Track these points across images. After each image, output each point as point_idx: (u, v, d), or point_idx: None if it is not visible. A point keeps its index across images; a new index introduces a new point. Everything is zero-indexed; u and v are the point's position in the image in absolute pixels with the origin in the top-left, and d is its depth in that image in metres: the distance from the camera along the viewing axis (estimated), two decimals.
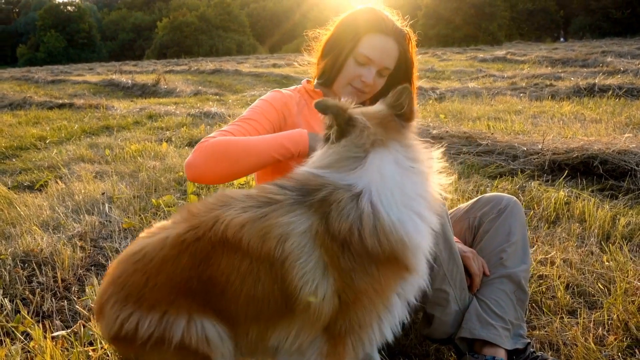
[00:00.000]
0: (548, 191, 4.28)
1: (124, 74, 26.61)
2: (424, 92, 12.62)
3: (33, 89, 20.55)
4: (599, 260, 3.11)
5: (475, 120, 7.96)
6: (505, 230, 2.29)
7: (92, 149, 7.28)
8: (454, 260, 2.13)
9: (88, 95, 16.71)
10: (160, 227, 1.88)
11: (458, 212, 2.51)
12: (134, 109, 11.77)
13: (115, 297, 1.78)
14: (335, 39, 2.48)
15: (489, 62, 23.76)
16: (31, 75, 28.59)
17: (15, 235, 3.84)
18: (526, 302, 2.24)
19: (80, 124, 9.76)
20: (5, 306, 2.92)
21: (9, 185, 5.49)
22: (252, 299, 1.73)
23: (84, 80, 23.12)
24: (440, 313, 2.14)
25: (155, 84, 18.58)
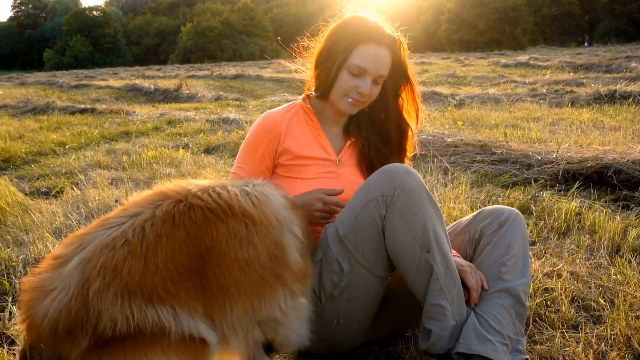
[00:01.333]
0: (560, 201, 4.25)
1: (147, 79, 26.84)
2: (443, 98, 12.59)
3: (57, 94, 20.82)
4: (606, 273, 3.08)
5: (492, 128, 7.93)
6: (505, 244, 2.28)
7: (109, 155, 7.35)
8: (450, 275, 2.12)
9: (110, 100, 16.87)
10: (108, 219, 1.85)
11: (459, 225, 2.50)
12: (154, 115, 11.86)
13: (113, 288, 1.64)
14: (327, 52, 2.48)
15: (511, 68, 23.64)
16: (56, 79, 28.97)
17: (27, 242, 3.89)
18: (525, 316, 2.22)
19: (100, 130, 9.87)
20: (14, 313, 2.96)
21: (26, 191, 5.57)
22: (246, 264, 1.83)
23: (107, 85, 23.35)
24: (438, 328, 2.13)
25: (177, 89, 18.73)
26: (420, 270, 2.12)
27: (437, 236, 2.10)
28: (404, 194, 2.11)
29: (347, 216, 2.24)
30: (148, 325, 1.61)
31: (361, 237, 2.18)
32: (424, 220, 2.09)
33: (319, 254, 2.28)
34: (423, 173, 5.32)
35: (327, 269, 2.25)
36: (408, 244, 2.11)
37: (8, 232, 4.18)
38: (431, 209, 2.13)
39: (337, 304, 2.26)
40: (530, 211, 4.19)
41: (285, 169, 2.53)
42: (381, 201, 2.13)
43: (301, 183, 2.49)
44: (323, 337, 2.32)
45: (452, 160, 5.75)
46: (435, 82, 18.71)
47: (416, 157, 5.86)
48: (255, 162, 2.53)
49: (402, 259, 2.14)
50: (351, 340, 2.39)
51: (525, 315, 2.23)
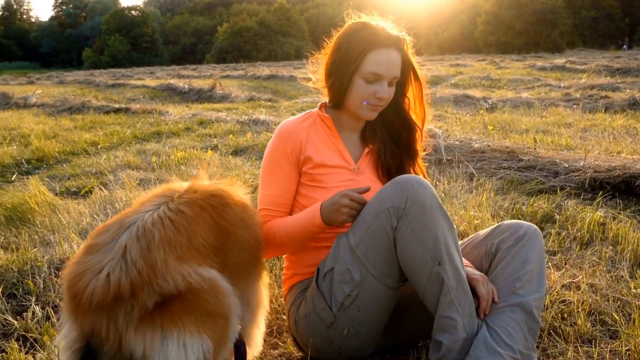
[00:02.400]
0: (584, 211, 4.20)
1: (182, 78, 27.14)
2: (475, 101, 12.51)
3: (93, 93, 21.17)
4: (626, 286, 3.04)
5: (522, 133, 7.85)
6: (521, 259, 2.26)
7: (139, 155, 7.45)
8: (462, 288, 2.11)
9: (144, 100, 17.06)
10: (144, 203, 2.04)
11: (477, 238, 2.49)
12: (187, 115, 11.98)
13: (172, 256, 1.85)
14: (338, 62, 2.48)
15: (547, 71, 23.34)
16: (93, 78, 29.46)
17: (53, 243, 3.97)
18: (537, 331, 2.20)
19: (133, 130, 10.00)
20: (37, 313, 3.02)
21: (57, 191, 5.68)
22: (246, 243, 2.15)
23: (143, 85, 23.62)
24: (448, 340, 2.13)
25: (211, 89, 18.88)
26: (431, 282, 2.12)
27: (448, 248, 2.10)
28: (415, 206, 2.11)
29: (359, 226, 2.24)
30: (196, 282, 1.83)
31: (372, 247, 2.19)
32: (435, 232, 2.10)
33: (330, 263, 2.29)
34: (448, 179, 5.30)
35: (338, 279, 2.25)
36: (419, 256, 2.11)
37: (36, 231, 4.27)
38: (443, 221, 2.13)
39: (348, 313, 2.26)
40: (554, 220, 4.15)
41: (308, 177, 2.53)
42: (393, 213, 2.14)
43: (323, 192, 2.49)
44: (334, 346, 2.34)
45: (479, 166, 5.71)
46: (469, 85, 18.58)
47: (442, 163, 5.85)
48: (283, 179, 2.52)
49: (413, 270, 2.15)
50: (362, 349, 2.39)
51: (538, 331, 2.21)
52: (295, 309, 2.46)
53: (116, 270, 1.76)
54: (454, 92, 14.07)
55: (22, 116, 13.45)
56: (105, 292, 1.72)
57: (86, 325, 1.75)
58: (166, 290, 1.77)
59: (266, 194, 2.54)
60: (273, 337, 2.80)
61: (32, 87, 24.39)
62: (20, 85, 29.64)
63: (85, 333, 1.75)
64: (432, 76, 23.49)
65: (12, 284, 3.39)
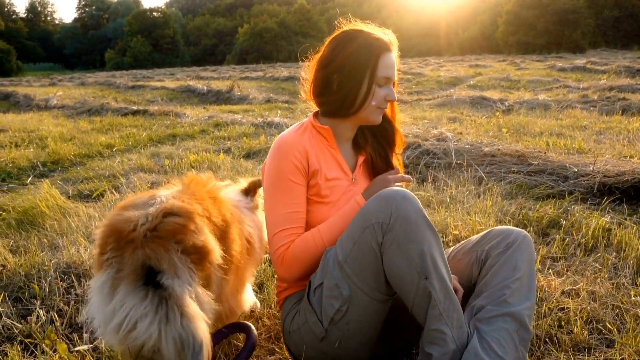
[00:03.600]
0: (590, 216, 4.18)
1: (202, 79, 27.29)
2: (492, 103, 12.46)
3: (113, 94, 21.35)
4: (627, 294, 3.02)
5: (536, 136, 7.81)
6: (511, 266, 2.26)
7: (153, 158, 7.51)
8: (450, 300, 2.12)
9: (162, 102, 17.20)
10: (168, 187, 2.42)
11: (468, 244, 2.49)
12: (203, 117, 12.06)
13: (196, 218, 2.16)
14: (348, 75, 2.43)
15: (567, 72, 23.15)
16: (114, 80, 29.72)
17: (61, 246, 4.02)
18: (529, 341, 2.20)
19: (149, 132, 10.08)
20: (41, 317, 3.07)
21: (70, 194, 5.75)
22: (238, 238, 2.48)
23: (163, 86, 23.80)
24: (438, 352, 2.12)
25: (229, 91, 18.98)
26: (418, 296, 2.12)
27: (434, 262, 2.10)
28: (400, 221, 2.11)
29: (345, 242, 2.24)
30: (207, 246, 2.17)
31: (360, 262, 2.19)
32: (421, 246, 2.10)
33: (320, 278, 2.30)
34: (456, 183, 5.29)
35: (327, 294, 2.26)
36: (406, 271, 2.11)
37: (45, 235, 4.33)
38: (429, 235, 2.13)
39: (339, 327, 2.27)
40: (560, 225, 4.13)
41: (313, 191, 2.48)
42: (377, 228, 2.14)
43: (326, 207, 2.48)
44: (327, 358, 2.36)
45: (488, 170, 5.69)
46: (487, 86, 18.49)
47: (452, 166, 5.84)
48: (296, 193, 2.44)
49: (401, 285, 2.15)
50: (356, 358, 2.41)
51: (529, 340, 2.20)
52: (290, 320, 2.47)
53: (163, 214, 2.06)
54: (470, 94, 14.02)
55: (42, 118, 13.62)
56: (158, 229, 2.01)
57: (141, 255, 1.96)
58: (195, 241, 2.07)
59: (280, 213, 2.42)
60: (270, 342, 2.82)
61: (53, 89, 24.71)
62: (42, 87, 30.00)
63: (145, 257, 1.96)
64: (450, 77, 23.44)
65: (19, 288, 3.45)
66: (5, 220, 4.69)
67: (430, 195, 4.96)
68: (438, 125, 9.00)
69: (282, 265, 2.41)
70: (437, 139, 6.64)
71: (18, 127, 11.51)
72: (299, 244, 2.39)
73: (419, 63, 39.84)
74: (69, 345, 2.80)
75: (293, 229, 2.41)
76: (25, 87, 28.66)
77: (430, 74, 26.47)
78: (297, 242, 2.41)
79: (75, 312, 3.18)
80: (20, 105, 19.29)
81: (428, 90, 18.97)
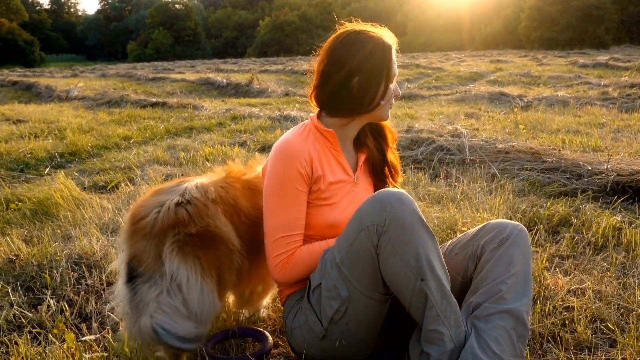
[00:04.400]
0: (601, 215, 4.15)
1: (222, 72, 27.38)
2: (511, 99, 12.38)
3: (134, 86, 21.51)
4: (633, 294, 3.01)
5: (553, 133, 7.76)
6: (506, 261, 2.26)
7: (169, 150, 7.57)
8: (447, 300, 2.12)
9: (181, 94, 17.30)
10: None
11: (464, 238, 2.48)
12: (221, 110, 12.11)
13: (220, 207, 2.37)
14: (369, 76, 2.42)
15: (589, 68, 22.95)
16: (135, 72, 29.94)
17: (74, 237, 4.08)
18: (527, 337, 2.20)
19: (166, 124, 10.16)
20: (51, 307, 3.12)
21: (85, 186, 5.81)
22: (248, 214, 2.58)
23: (182, 79, 23.93)
24: (436, 352, 2.13)
25: (248, 84, 19.05)
26: (415, 297, 2.13)
27: (430, 263, 2.10)
28: (394, 223, 2.11)
29: (342, 243, 2.26)
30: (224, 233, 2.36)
31: (357, 264, 2.20)
32: (416, 248, 2.10)
33: (318, 279, 2.32)
34: (469, 180, 5.28)
35: (326, 295, 2.28)
36: (402, 273, 2.12)
37: (59, 226, 4.39)
38: (424, 236, 2.13)
39: (339, 327, 2.28)
40: (570, 224, 4.11)
41: (316, 195, 2.47)
42: (372, 231, 2.15)
43: (329, 209, 2.48)
44: (328, 356, 2.38)
45: (502, 167, 5.67)
46: (507, 82, 18.38)
47: (465, 162, 5.83)
48: (300, 200, 2.43)
49: (397, 286, 2.16)
50: (357, 356, 2.42)
51: (527, 336, 2.21)
52: (292, 318, 2.49)
53: (175, 203, 2.27)
54: (489, 90, 13.95)
55: (62, 109, 13.77)
56: (165, 219, 2.23)
57: (132, 251, 2.24)
58: (208, 227, 2.26)
59: (282, 219, 2.41)
60: (275, 335, 2.84)
61: (75, 80, 24.95)
62: (64, 78, 30.30)
63: (131, 255, 2.24)
64: (471, 72, 23.32)
65: (31, 277, 3.50)
66: (20, 211, 4.76)
67: (442, 192, 4.95)
68: (455, 121, 8.98)
69: (282, 272, 2.41)
70: (452, 135, 6.63)
71: (38, 118, 11.65)
72: (304, 256, 2.41)
73: (439, 58, 39.69)
74: (77, 335, 2.85)
75: (294, 236, 2.42)
76: (47, 78, 28.95)
77: (451, 68, 26.36)
78: (302, 252, 2.42)
79: (85, 302, 3.23)
80: (42, 96, 19.50)
81: (447, 85, 18.91)
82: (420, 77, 23.03)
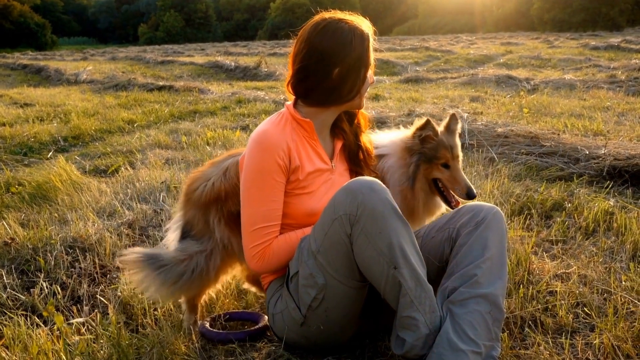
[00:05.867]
0: (594, 200, 4.15)
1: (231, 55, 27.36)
2: (518, 82, 12.32)
3: (142, 70, 21.56)
4: (618, 279, 3.02)
5: (556, 117, 7.73)
6: (481, 245, 2.26)
7: (171, 134, 7.61)
8: (421, 287, 2.14)
9: (188, 78, 17.31)
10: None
11: (441, 221, 2.49)
12: (227, 94, 12.12)
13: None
14: (351, 63, 2.41)
15: (600, 50, 22.76)
16: (144, 55, 30.00)
17: (70, 221, 4.12)
18: (502, 320, 2.22)
19: (171, 108, 10.19)
20: (44, 290, 3.18)
21: (86, 169, 5.86)
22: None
23: (191, 62, 23.94)
24: (411, 338, 2.16)
25: (257, 67, 19.02)
26: (389, 285, 2.15)
27: (403, 252, 2.13)
28: (366, 213, 2.14)
29: (318, 232, 2.28)
30: None
31: (332, 253, 2.23)
32: (389, 237, 2.12)
33: (295, 267, 2.36)
34: (466, 164, 5.28)
35: (303, 282, 2.31)
36: (375, 261, 2.15)
37: (57, 210, 4.44)
38: (397, 224, 2.15)
39: (317, 313, 2.32)
40: (563, 208, 4.12)
41: (294, 185, 2.48)
42: (345, 220, 2.17)
43: (307, 197, 2.50)
44: (309, 341, 2.43)
45: (500, 151, 5.66)
46: (517, 65, 18.29)
47: (464, 147, 5.83)
48: (277, 190, 2.43)
49: (371, 274, 2.19)
50: (337, 341, 2.46)
51: (503, 320, 2.22)
52: (274, 304, 2.52)
53: (218, 181, 2.62)
54: (497, 73, 13.88)
55: (70, 93, 13.84)
56: (208, 194, 2.62)
57: (187, 215, 2.72)
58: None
59: (260, 210, 2.42)
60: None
61: (84, 64, 25.01)
62: (75, 61, 30.39)
63: (185, 220, 2.73)
64: (480, 55, 23.18)
65: (26, 261, 3.56)
66: (20, 195, 4.81)
67: None
68: (458, 105, 8.96)
69: (259, 262, 2.43)
70: None
71: (46, 101, 11.72)
72: (282, 245, 2.44)
73: (450, 40, 39.47)
74: (69, 317, 2.90)
75: (272, 227, 2.44)
76: (57, 62, 29.05)
77: (460, 51, 26.21)
78: (280, 242, 2.44)
79: (78, 285, 3.28)
80: (51, 80, 19.59)
81: (456, 68, 18.82)
82: (429, 60, 22.92)
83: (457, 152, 2.79)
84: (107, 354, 2.47)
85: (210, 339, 2.64)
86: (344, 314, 2.34)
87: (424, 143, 2.76)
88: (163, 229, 4.01)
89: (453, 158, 2.76)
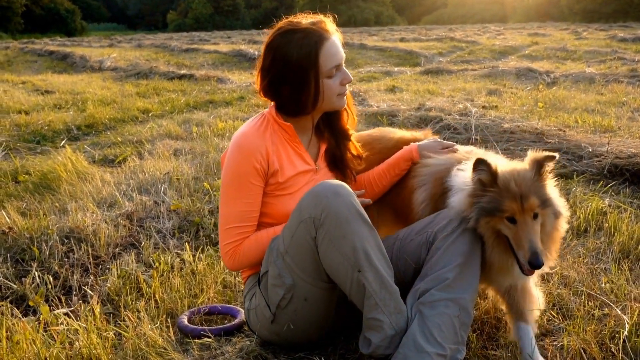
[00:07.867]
0: (590, 199, 4.13)
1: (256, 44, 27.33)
2: (537, 75, 12.16)
3: (167, 57, 21.67)
4: (598, 280, 3.01)
5: (569, 112, 7.64)
6: (456, 249, 2.28)
7: (183, 124, 7.67)
8: (385, 290, 2.18)
9: (211, 66, 17.36)
10: None
11: (420, 224, 2.50)
12: (245, 83, 12.15)
13: None
14: (294, 79, 2.43)
15: (628, 42, 22.33)
16: (170, 42, 30.08)
17: (70, 211, 4.20)
18: (469, 324, 2.24)
19: (187, 98, 10.25)
20: (35, 279, 3.25)
21: (95, 159, 5.95)
22: None
23: (215, 50, 23.96)
24: (377, 338, 2.20)
25: None
26: (354, 288, 2.20)
27: (367, 255, 2.16)
28: (330, 217, 2.17)
29: (286, 234, 2.32)
30: None
31: (299, 254, 2.27)
32: (352, 241, 2.16)
33: (265, 266, 2.41)
34: None
35: (272, 282, 2.36)
36: (340, 264, 2.18)
37: (59, 199, 4.52)
38: (361, 228, 2.18)
39: (286, 312, 2.37)
40: None
41: (274, 187, 2.52)
42: (310, 223, 2.20)
43: (288, 198, 2.53)
44: (280, 338, 2.47)
45: (506, 147, 5.63)
46: (541, 56, 18.06)
47: (470, 142, 5.81)
48: (253, 193, 2.47)
49: (337, 277, 2.23)
50: (308, 339, 2.50)
51: (470, 323, 2.25)
52: (249, 299, 2.56)
53: None
54: (517, 65, 13.72)
55: (91, 80, 14.00)
56: None
57: None
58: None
59: (235, 210, 2.47)
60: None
61: (110, 50, 25.22)
62: (101, 47, 30.64)
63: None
64: (505, 46, 22.92)
65: (22, 250, 3.64)
66: (25, 183, 4.91)
67: None
68: (474, 98, 8.90)
69: (231, 259, 2.49)
70: (460, 114, 6.60)
71: (67, 88, 11.88)
72: (252, 245, 2.48)
73: (477, 30, 39.03)
74: (57, 307, 2.97)
75: (245, 227, 2.49)
76: (84, 48, 29.32)
77: (486, 42, 25.95)
78: (251, 242, 2.49)
79: (70, 275, 3.35)
80: (76, 66, 19.81)
81: (479, 60, 18.63)
82: (453, 51, 22.71)
83: (532, 203, 2.20)
84: (84, 344, 2.52)
85: (186, 334, 2.70)
86: (314, 314, 2.38)
87: (484, 189, 2.25)
88: (161, 220, 4.09)
89: (524, 211, 2.20)
